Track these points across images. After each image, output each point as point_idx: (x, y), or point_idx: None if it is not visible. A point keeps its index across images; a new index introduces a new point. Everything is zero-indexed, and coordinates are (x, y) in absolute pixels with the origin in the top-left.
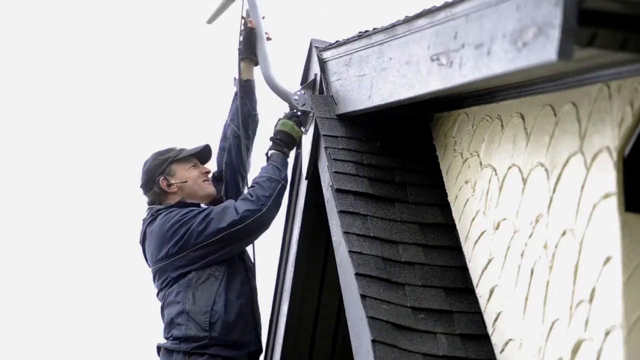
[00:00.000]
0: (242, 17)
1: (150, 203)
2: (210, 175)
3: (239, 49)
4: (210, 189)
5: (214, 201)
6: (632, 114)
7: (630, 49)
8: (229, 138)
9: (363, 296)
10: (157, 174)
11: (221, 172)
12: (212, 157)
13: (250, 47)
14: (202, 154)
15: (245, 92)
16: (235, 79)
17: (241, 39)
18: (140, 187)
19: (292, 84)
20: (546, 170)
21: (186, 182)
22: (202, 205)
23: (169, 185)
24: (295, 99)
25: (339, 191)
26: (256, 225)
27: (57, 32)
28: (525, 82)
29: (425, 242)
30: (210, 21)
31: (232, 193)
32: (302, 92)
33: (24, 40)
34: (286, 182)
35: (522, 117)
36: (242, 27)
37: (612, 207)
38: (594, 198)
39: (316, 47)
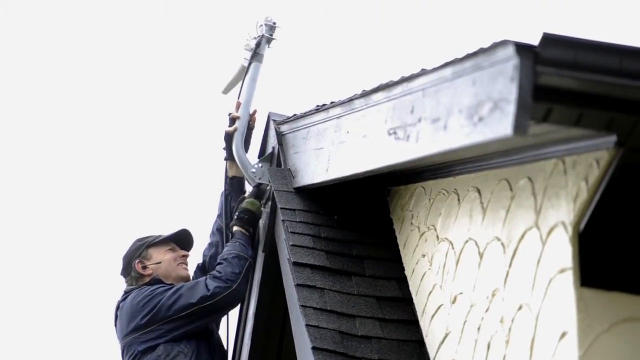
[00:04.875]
0: (230, 113)
1: (127, 288)
2: (187, 260)
3: (224, 149)
4: (184, 272)
5: None
6: (587, 189)
7: (585, 125)
8: (216, 233)
9: None
10: (133, 258)
11: (204, 263)
12: (194, 242)
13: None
14: (181, 240)
15: (234, 189)
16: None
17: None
18: (121, 274)
19: (250, 156)
20: (502, 244)
21: (160, 263)
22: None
23: (144, 267)
24: (253, 172)
25: (296, 264)
26: (226, 301)
27: (57, 32)
28: (481, 157)
29: (382, 316)
30: (225, 91)
31: None
32: (260, 165)
33: (24, 40)
34: (253, 259)
35: (479, 191)
36: (229, 122)
37: (567, 282)
38: (549, 273)
39: (274, 121)
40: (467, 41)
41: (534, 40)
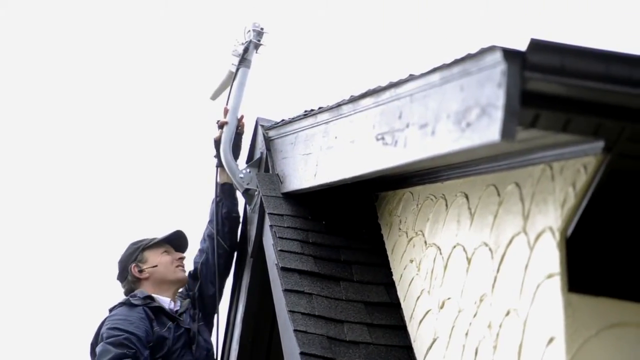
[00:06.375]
0: (218, 120)
1: (125, 293)
2: (184, 262)
3: (215, 156)
4: (181, 274)
5: (190, 296)
6: (575, 195)
7: (573, 130)
8: (207, 239)
9: None
10: (129, 262)
11: (196, 270)
12: (188, 243)
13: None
14: (175, 242)
15: (224, 195)
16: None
17: (215, 145)
18: (117, 279)
19: (241, 162)
20: (490, 250)
21: (156, 266)
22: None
23: (141, 271)
24: (241, 177)
25: (284, 269)
26: None
27: (57, 32)
28: (469, 162)
29: (371, 321)
30: (213, 97)
31: (206, 294)
32: (248, 170)
33: (24, 40)
34: None
35: (466, 197)
36: (218, 128)
37: (555, 288)
38: (537, 278)
39: (262, 126)
40: (466, 42)
41: (522, 45)
